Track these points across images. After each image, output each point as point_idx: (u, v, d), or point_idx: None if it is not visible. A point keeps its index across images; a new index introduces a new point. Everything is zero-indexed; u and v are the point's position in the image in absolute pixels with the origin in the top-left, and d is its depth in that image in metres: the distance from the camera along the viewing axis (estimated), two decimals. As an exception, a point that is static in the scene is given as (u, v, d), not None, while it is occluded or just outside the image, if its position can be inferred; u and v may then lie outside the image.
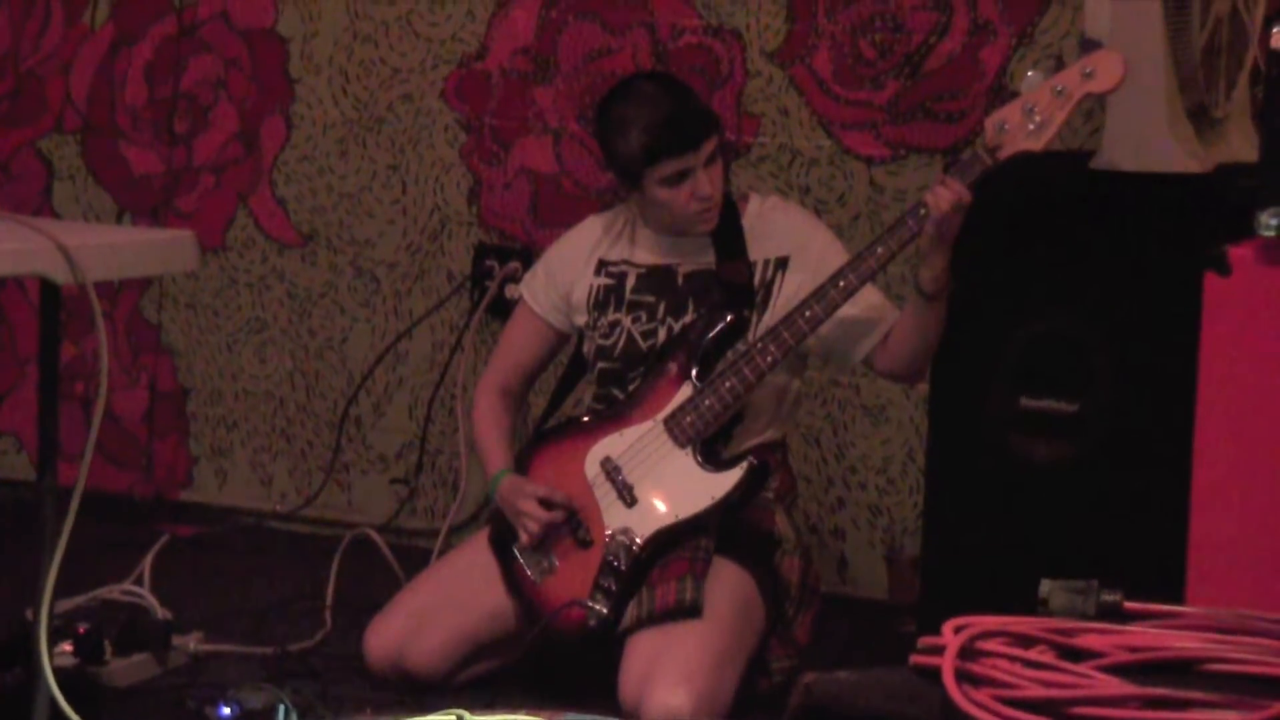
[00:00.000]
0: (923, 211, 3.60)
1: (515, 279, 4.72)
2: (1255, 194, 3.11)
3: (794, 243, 3.88)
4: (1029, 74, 3.64)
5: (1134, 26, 3.63)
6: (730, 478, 3.76)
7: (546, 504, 3.80)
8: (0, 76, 5.37)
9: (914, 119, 4.52)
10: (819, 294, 3.68)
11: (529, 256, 4.71)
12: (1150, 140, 3.66)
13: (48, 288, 3.31)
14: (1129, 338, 3.62)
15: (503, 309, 4.74)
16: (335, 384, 5.11)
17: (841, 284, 3.67)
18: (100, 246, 3.33)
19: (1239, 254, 3.12)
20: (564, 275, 3.99)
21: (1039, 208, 3.73)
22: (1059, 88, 3.56)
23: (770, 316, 3.81)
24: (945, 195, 3.57)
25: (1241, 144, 3.84)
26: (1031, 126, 3.57)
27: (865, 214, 4.55)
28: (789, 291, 3.82)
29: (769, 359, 3.72)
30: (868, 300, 3.78)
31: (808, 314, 3.68)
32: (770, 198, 4.02)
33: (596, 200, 4.68)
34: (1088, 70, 3.54)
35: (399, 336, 5.01)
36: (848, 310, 3.73)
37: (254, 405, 5.19)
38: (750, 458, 3.77)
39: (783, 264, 3.86)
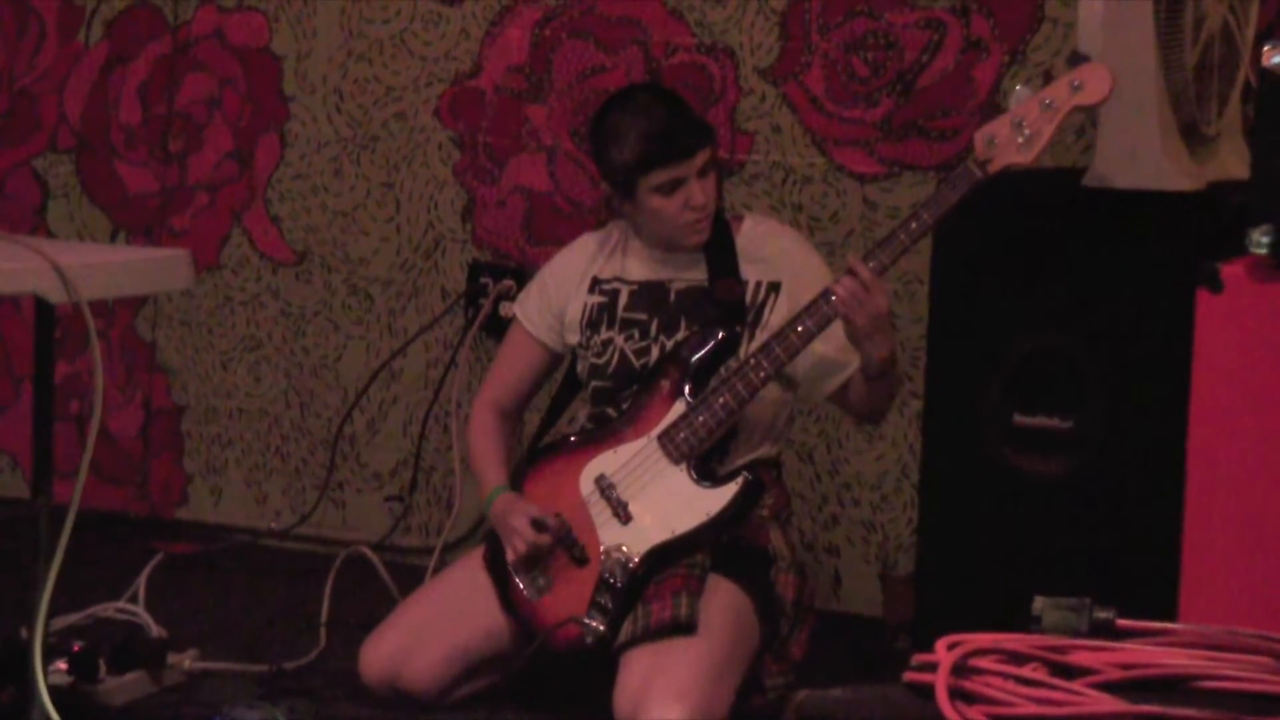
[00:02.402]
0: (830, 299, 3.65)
1: (509, 296, 4.72)
2: (1247, 211, 3.12)
3: (788, 269, 3.88)
4: (1017, 88, 3.65)
5: (1126, 43, 3.63)
6: (725, 494, 3.76)
7: (539, 525, 3.80)
8: (-5, 95, 5.39)
9: (907, 136, 4.52)
10: (811, 308, 3.69)
11: (523, 274, 4.71)
12: (1142, 157, 3.65)
13: (42, 306, 3.32)
14: (1121, 354, 3.62)
15: (497, 326, 4.74)
16: (330, 402, 5.11)
17: (834, 299, 3.67)
18: (95, 265, 3.34)
19: (1231, 271, 3.13)
20: (558, 294, 4.00)
21: (1031, 225, 3.72)
22: (1047, 101, 3.57)
23: (761, 337, 3.80)
24: (848, 286, 3.60)
25: (1233, 161, 3.85)
26: (1020, 140, 3.58)
27: (859, 231, 4.56)
28: (780, 317, 3.82)
29: (762, 374, 3.71)
30: (841, 340, 3.77)
31: (800, 329, 3.69)
32: (767, 221, 4.03)
33: (590, 218, 4.69)
34: (1076, 83, 3.55)
35: (393, 354, 5.01)
36: (820, 347, 3.74)
37: (248, 423, 5.19)
38: (745, 474, 3.77)
39: (775, 288, 3.87)
